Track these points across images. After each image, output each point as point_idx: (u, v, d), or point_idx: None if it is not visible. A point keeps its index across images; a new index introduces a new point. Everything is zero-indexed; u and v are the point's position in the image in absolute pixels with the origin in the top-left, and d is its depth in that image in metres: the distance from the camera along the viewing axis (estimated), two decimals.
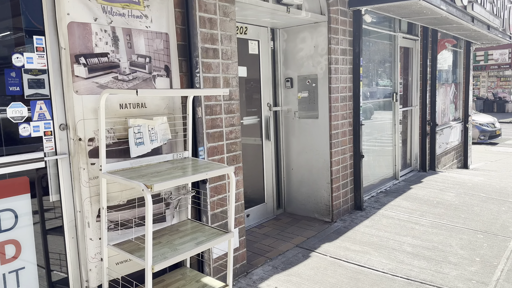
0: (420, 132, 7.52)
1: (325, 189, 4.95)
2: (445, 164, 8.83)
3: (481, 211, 5.33)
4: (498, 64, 28.71)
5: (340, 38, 4.86)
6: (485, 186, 6.72)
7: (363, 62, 5.79)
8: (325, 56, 4.74)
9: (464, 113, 9.91)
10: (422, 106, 7.47)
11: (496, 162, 10.94)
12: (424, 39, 7.24)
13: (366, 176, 6.02)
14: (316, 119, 4.93)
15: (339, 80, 4.90)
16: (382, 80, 6.45)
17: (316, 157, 4.98)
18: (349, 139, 5.20)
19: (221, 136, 3.28)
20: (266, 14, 4.11)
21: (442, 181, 6.88)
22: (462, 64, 9.78)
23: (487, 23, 7.27)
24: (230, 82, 3.34)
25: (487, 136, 15.12)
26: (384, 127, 6.60)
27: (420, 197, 5.90)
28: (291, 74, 5.05)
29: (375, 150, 6.41)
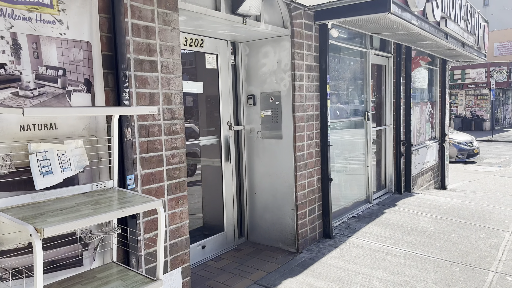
0: (394, 153, 7.22)
1: (290, 216, 4.53)
2: (421, 185, 8.54)
3: (457, 239, 4.99)
4: (475, 83, 29.20)
5: (305, 53, 4.53)
6: (463, 209, 6.42)
7: (331, 79, 5.48)
8: (288, 72, 4.39)
9: (440, 132, 9.72)
10: (396, 125, 7.19)
11: (474, 182, 10.76)
12: (398, 56, 7.01)
13: (337, 200, 5.64)
14: (280, 139, 4.54)
15: (304, 98, 4.54)
16: (353, 98, 6.15)
17: (281, 180, 4.57)
18: (316, 161, 4.82)
19: (160, 161, 2.85)
20: (221, 25, 3.75)
21: (417, 204, 6.56)
22: (438, 82, 9.63)
23: (461, 41, 7.10)
24: (172, 99, 2.93)
25: (465, 154, 15.06)
26: (356, 147, 6.27)
27: (394, 222, 5.53)
28: (254, 91, 4.68)
29: (347, 172, 6.06)
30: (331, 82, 5.48)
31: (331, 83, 5.54)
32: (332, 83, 5.57)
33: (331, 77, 5.48)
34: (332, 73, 5.54)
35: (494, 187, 10.01)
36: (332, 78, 5.56)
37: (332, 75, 5.56)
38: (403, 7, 4.47)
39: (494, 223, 5.69)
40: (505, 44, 34.54)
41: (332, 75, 5.54)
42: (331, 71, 5.49)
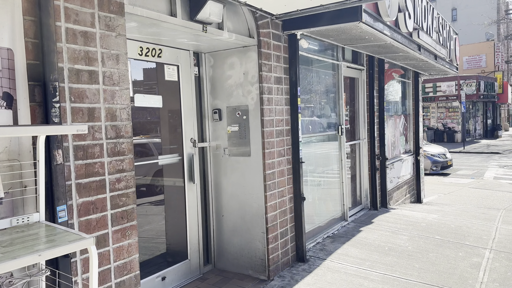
0: (369, 167, 7.01)
1: (260, 239, 4.18)
2: (397, 200, 8.36)
3: (436, 258, 4.74)
4: (446, 96, 29.87)
5: (274, 64, 4.25)
6: (440, 225, 6.22)
7: (302, 93, 5.22)
8: (256, 85, 4.09)
9: (415, 145, 9.62)
10: (370, 139, 6.99)
11: (449, 195, 10.69)
12: (370, 69, 6.85)
13: (311, 219, 5.33)
14: (248, 156, 4.21)
15: (273, 112, 4.24)
16: (326, 112, 5.90)
17: (250, 201, 4.23)
18: (288, 179, 4.50)
19: (101, 186, 2.46)
20: (180, 33, 3.42)
21: (394, 221, 6.32)
22: (411, 95, 9.58)
23: (434, 53, 7.02)
24: (117, 115, 2.56)
25: (439, 166, 15.12)
26: (330, 163, 6.00)
27: (371, 242, 5.25)
28: (220, 105, 4.35)
29: (321, 189, 5.77)
30: (302, 95, 5.22)
31: (303, 97, 5.28)
32: (304, 97, 5.32)
33: (302, 90, 5.22)
34: (303, 86, 5.28)
35: (469, 199, 9.95)
36: (304, 91, 5.31)
37: (304, 88, 5.30)
38: (375, 17, 4.27)
39: (473, 240, 5.49)
40: (474, 58, 35.67)
41: (303, 88, 5.28)
42: (303, 83, 5.24)
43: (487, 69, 34.56)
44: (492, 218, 7.11)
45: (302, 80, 5.26)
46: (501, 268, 4.44)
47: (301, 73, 5.24)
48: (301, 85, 5.22)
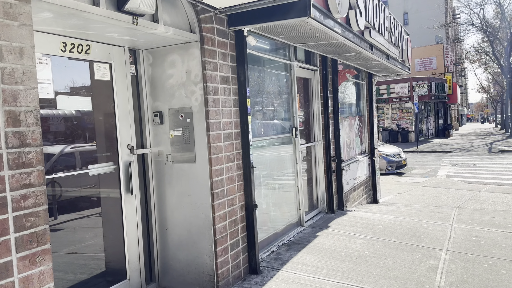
0: (325, 170, 6.85)
1: (207, 253, 3.83)
2: (354, 201, 8.28)
3: (394, 263, 4.59)
4: (400, 97, 30.84)
5: (220, 63, 3.94)
6: (396, 227, 6.14)
7: (254, 94, 4.95)
8: (200, 85, 3.76)
9: (370, 146, 9.63)
10: (325, 141, 6.84)
11: (404, 194, 10.82)
12: (324, 70, 6.70)
13: (266, 226, 5.06)
14: (193, 163, 3.86)
15: (220, 114, 3.93)
16: (279, 114, 5.66)
17: (196, 212, 3.88)
18: (238, 186, 4.20)
19: (1, 206, 2.03)
20: (108, 26, 3.03)
21: (350, 224, 6.17)
22: (365, 96, 9.58)
23: (386, 53, 6.98)
24: (21, 119, 2.14)
25: (394, 166, 15.40)
26: (285, 166, 5.76)
27: (327, 248, 5.05)
28: (161, 107, 3.98)
29: (276, 194, 5.51)
30: (254, 97, 4.96)
31: (255, 98, 5.01)
32: (256, 98, 5.05)
33: (254, 91, 4.95)
34: (255, 87, 5.01)
35: (424, 198, 10.10)
36: (256, 92, 5.04)
37: (256, 89, 5.03)
38: (324, 13, 4.06)
39: (429, 241, 5.42)
40: (425, 60, 37.16)
41: (255, 89, 5.01)
42: (254, 84, 4.96)
43: (438, 71, 36.12)
44: (446, 217, 7.16)
45: (253, 81, 4.99)
46: (457, 270, 4.36)
47: (252, 73, 4.97)
48: (253, 86, 4.95)
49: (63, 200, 3.40)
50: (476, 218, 7.06)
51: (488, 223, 6.65)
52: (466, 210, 8.16)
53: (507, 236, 5.73)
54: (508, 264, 4.54)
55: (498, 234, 5.81)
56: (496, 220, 6.94)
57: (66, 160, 3.33)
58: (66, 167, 3.32)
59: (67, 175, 3.28)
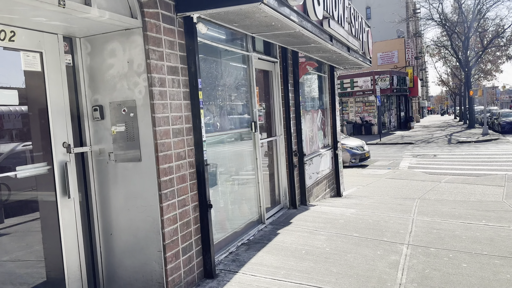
0: (287, 165, 6.66)
1: (156, 260, 3.53)
2: (317, 195, 8.17)
3: (355, 260, 4.46)
4: (363, 91, 31.33)
5: (167, 52, 3.61)
6: (358, 221, 6.04)
7: (209, 86, 4.65)
8: (144, 75, 3.43)
9: (333, 140, 9.56)
10: (287, 136, 6.65)
11: (367, 186, 10.87)
12: (284, 62, 6.49)
13: (224, 226, 4.80)
14: (138, 162, 3.54)
15: (168, 107, 3.61)
16: (237, 107, 5.40)
17: (143, 215, 3.56)
18: (191, 185, 3.91)
19: None
20: (31, 9, 2.65)
21: (312, 220, 6.02)
22: (327, 90, 9.47)
23: (346, 44, 6.85)
24: None
25: (357, 159, 15.53)
26: (244, 162, 5.52)
27: (287, 246, 4.85)
28: (101, 100, 3.61)
29: (235, 192, 5.26)
30: (210, 89, 4.67)
31: (211, 91, 4.72)
32: (212, 91, 4.76)
33: (210, 84, 4.66)
34: (211, 79, 4.72)
35: (386, 190, 10.17)
36: (212, 85, 4.75)
37: (211, 81, 4.74)
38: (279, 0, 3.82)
39: (391, 235, 5.35)
40: (387, 54, 37.93)
41: (211, 82, 4.72)
42: (209, 76, 4.68)
43: (399, 65, 36.98)
44: (408, 209, 7.17)
45: (208, 72, 4.70)
46: (419, 266, 4.27)
47: (207, 64, 4.68)
48: (209, 78, 4.66)
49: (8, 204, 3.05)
50: (437, 210, 7.10)
51: (448, 214, 6.69)
52: (427, 201, 8.23)
53: (467, 227, 5.75)
54: (468, 257, 4.51)
55: (458, 226, 5.83)
56: (456, 211, 7.01)
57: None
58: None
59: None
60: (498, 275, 4.00)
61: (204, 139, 3.97)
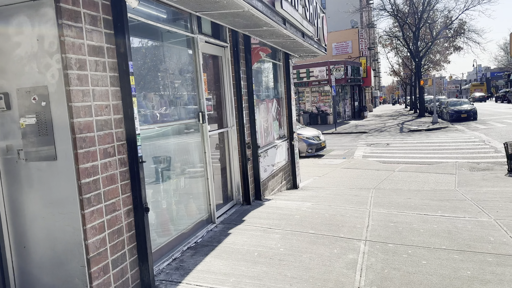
0: (240, 158, 6.22)
1: (79, 276, 2.97)
2: (273, 189, 7.82)
3: (310, 260, 4.11)
4: (319, 80, 31.46)
5: (87, 28, 3.02)
6: (314, 216, 5.73)
7: (145, 70, 4.09)
8: (57, 56, 2.83)
9: (289, 130, 9.22)
10: (239, 127, 6.19)
11: (323, 177, 10.68)
12: (235, 46, 6.00)
13: (166, 229, 4.29)
14: (53, 160, 2.94)
15: (91, 95, 3.03)
16: (182, 96, 4.86)
17: (61, 224, 2.98)
18: (123, 187, 3.36)
19: None
20: None
21: (267, 217, 5.64)
22: (283, 78, 9.09)
23: (301, 29, 6.46)
24: None
25: (314, 149, 15.40)
26: (191, 157, 5.00)
27: (239, 248, 4.42)
28: (7, 87, 2.97)
29: (180, 190, 4.74)
30: (149, 76, 4.10)
31: (149, 77, 4.16)
32: (151, 77, 4.20)
33: (147, 68, 4.10)
34: (149, 64, 4.17)
35: (342, 180, 10.02)
36: (150, 69, 4.19)
37: (150, 65, 4.18)
38: None
39: (347, 230, 5.06)
40: (341, 44, 38.32)
41: (149, 66, 4.16)
42: (147, 60, 4.12)
43: (353, 55, 37.50)
44: (364, 201, 6.97)
45: (147, 56, 4.15)
46: (377, 265, 3.99)
47: (145, 46, 4.12)
48: (147, 63, 4.10)
49: None
50: (393, 201, 6.96)
51: (404, 205, 6.55)
52: (382, 191, 8.12)
53: (424, 219, 5.60)
54: (427, 252, 4.29)
55: (415, 218, 5.67)
56: (412, 201, 6.90)
57: None
58: None
59: None
60: (458, 272, 3.79)
61: (138, 132, 3.42)
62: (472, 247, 4.43)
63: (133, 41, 3.88)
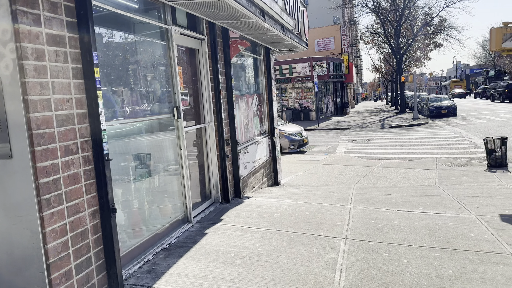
0: (218, 154, 6.03)
1: (39, 283, 2.75)
2: (253, 186, 7.66)
3: (289, 261, 3.96)
4: (301, 77, 31.40)
5: (46, 15, 2.78)
6: (294, 214, 5.59)
7: (113, 62, 3.86)
8: (11, 45, 2.59)
9: (270, 126, 9.06)
10: (218, 122, 5.99)
11: (305, 173, 10.58)
12: (212, 39, 5.79)
13: (138, 230, 4.08)
14: (8, 159, 2.71)
15: (49, 87, 2.80)
16: (155, 90, 4.63)
17: (18, 227, 2.75)
18: (87, 186, 3.14)
19: None
20: None
21: (246, 215, 5.47)
22: (263, 73, 8.91)
23: (280, 23, 6.29)
24: None
25: (296, 145, 15.30)
26: (166, 154, 4.79)
27: (215, 249, 4.25)
28: None
29: (154, 189, 4.53)
30: (117, 68, 3.88)
31: (118, 70, 3.93)
32: (120, 70, 3.96)
33: (117, 60, 3.87)
34: (118, 56, 3.94)
35: (324, 177, 9.93)
36: (120, 62, 3.96)
37: (120, 58, 3.96)
38: None
39: (328, 228, 4.94)
40: (324, 41, 38.35)
41: (119, 58, 3.94)
42: (116, 52, 3.90)
43: (335, 51, 37.59)
44: (345, 197, 6.88)
45: (117, 48, 3.92)
46: (357, 264, 3.87)
47: (114, 37, 3.90)
48: (117, 54, 3.88)
49: None
50: (374, 197, 6.89)
51: (385, 201, 6.48)
52: (363, 187, 8.05)
53: (405, 216, 5.52)
54: (408, 250, 4.20)
55: (396, 215, 5.59)
56: (393, 197, 6.84)
57: None
58: None
59: None
60: (440, 271, 3.70)
61: (104, 128, 3.20)
62: (454, 244, 4.37)
63: (101, 31, 3.65)
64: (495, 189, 7.34)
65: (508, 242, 4.43)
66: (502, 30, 7.65)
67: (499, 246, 4.31)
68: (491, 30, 7.77)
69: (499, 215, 5.50)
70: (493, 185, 7.78)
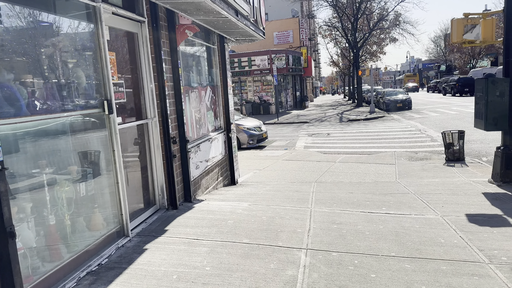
0: (163, 155, 5.31)
1: None
2: (207, 187, 7.00)
3: (242, 282, 3.36)
4: (261, 70, 30.89)
5: None
6: (250, 220, 5.00)
7: (12, 41, 3.06)
8: None
9: (225, 121, 8.40)
10: (163, 118, 5.27)
11: (264, 170, 10.04)
12: (154, 22, 5.04)
13: (55, 252, 3.33)
14: None
15: None
16: (78, 79, 3.84)
17: None
18: None
19: None
20: None
21: (195, 223, 4.82)
22: (218, 64, 8.22)
23: (234, 6, 5.65)
24: None
25: (255, 140, 14.77)
26: (94, 157, 4.02)
27: (154, 269, 3.57)
28: None
29: (78, 200, 3.76)
30: (21, 52, 3.08)
31: (23, 54, 3.14)
32: (28, 56, 3.17)
33: (22, 43, 3.08)
34: (26, 38, 3.15)
35: (283, 173, 9.44)
36: (27, 44, 3.16)
37: (28, 41, 3.16)
38: None
39: (287, 237, 4.39)
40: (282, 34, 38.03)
41: (27, 40, 3.14)
42: (22, 33, 3.11)
43: (294, 44, 37.38)
44: (305, 197, 6.39)
45: (24, 29, 3.13)
46: (320, 282, 3.34)
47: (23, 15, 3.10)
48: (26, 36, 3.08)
49: None
50: (335, 196, 6.45)
51: (347, 201, 6.04)
52: (324, 185, 7.62)
53: (368, 218, 5.09)
54: (376, 262, 3.72)
55: (359, 217, 5.14)
56: (354, 196, 6.42)
57: None
58: None
59: None
60: (412, 286, 3.25)
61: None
62: (424, 252, 3.95)
63: (4, 8, 2.85)
64: (457, 185, 7.13)
65: (479, 247, 4.08)
66: (463, 21, 7.42)
67: (471, 253, 3.94)
68: (452, 21, 7.52)
69: (465, 215, 5.19)
70: (453, 180, 7.59)
